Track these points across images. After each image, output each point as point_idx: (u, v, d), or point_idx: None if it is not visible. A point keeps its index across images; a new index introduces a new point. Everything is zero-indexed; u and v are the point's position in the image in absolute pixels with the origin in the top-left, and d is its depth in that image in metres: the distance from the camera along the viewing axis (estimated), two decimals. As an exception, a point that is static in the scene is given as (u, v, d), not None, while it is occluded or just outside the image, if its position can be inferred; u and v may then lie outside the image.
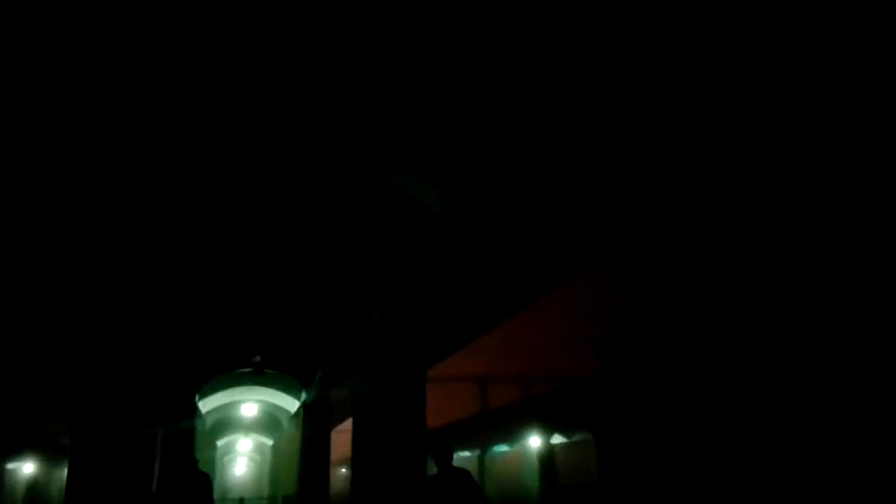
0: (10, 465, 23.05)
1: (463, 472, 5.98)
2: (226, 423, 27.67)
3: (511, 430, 20.72)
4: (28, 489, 16.05)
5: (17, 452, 15.24)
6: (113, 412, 9.29)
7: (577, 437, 28.67)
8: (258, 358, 14.37)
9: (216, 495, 28.99)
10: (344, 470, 21.05)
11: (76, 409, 9.28)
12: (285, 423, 25.59)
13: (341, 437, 18.03)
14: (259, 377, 18.45)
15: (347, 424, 18.29)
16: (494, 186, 7.13)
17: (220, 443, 32.00)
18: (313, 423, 17.66)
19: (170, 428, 14.55)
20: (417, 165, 6.95)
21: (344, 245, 9.20)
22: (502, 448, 21.26)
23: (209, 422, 24.81)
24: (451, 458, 5.92)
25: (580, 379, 19.36)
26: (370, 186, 7.44)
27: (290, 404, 21.65)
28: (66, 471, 9.61)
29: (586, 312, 11.55)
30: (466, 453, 20.02)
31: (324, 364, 14.66)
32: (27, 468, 15.90)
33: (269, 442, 32.70)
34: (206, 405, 19.89)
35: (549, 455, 27.49)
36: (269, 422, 27.86)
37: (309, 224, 8.81)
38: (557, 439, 27.42)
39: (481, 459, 20.32)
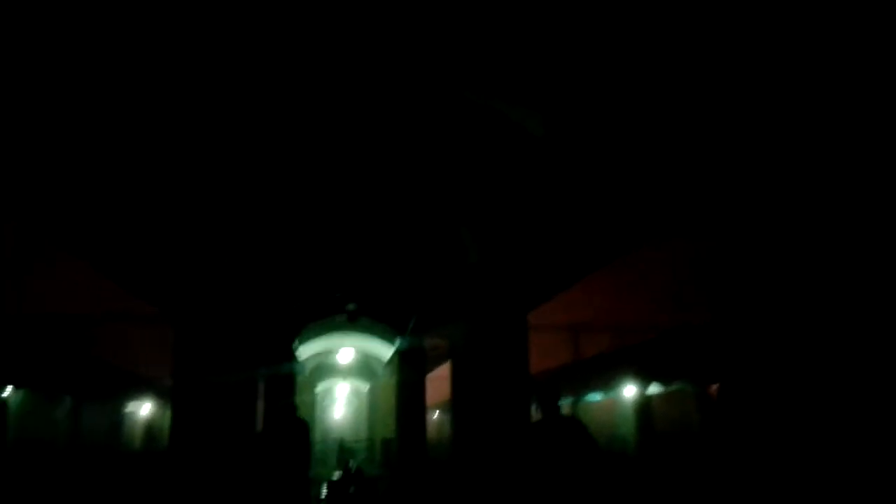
0: (129, 409, 24.84)
1: (573, 421, 5.65)
2: (324, 369, 28.62)
3: (606, 379, 20.30)
4: (145, 429, 17.12)
5: (134, 396, 16.17)
6: (212, 355, 9.52)
7: (674, 387, 27.98)
8: (353, 306, 14.54)
9: (317, 437, 30.04)
10: (436, 414, 21.33)
11: (177, 352, 9.57)
12: (379, 369, 26.17)
13: (432, 384, 18.21)
14: (354, 325, 18.79)
15: (437, 371, 18.43)
16: (610, 110, 6.44)
17: (318, 388, 33.21)
18: (409, 370, 17.87)
19: (270, 371, 15.05)
20: (518, 88, 6.39)
21: (437, 182, 8.81)
22: (595, 397, 20.94)
23: (308, 368, 25.68)
24: (558, 404, 5.60)
25: (678, 328, 18.69)
26: (466, 113, 6.97)
27: (384, 351, 22.03)
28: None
29: (681, 264, 11.31)
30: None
31: (417, 311, 14.63)
32: (144, 410, 17.00)
33: (365, 387, 33.66)
34: (304, 351, 20.51)
35: (645, 404, 26.98)
36: (364, 368, 28.62)
37: (402, 160, 8.44)
38: (654, 389, 26.80)
39: (574, 408, 19.97)
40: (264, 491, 8.60)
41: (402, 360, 18.07)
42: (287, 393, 16.45)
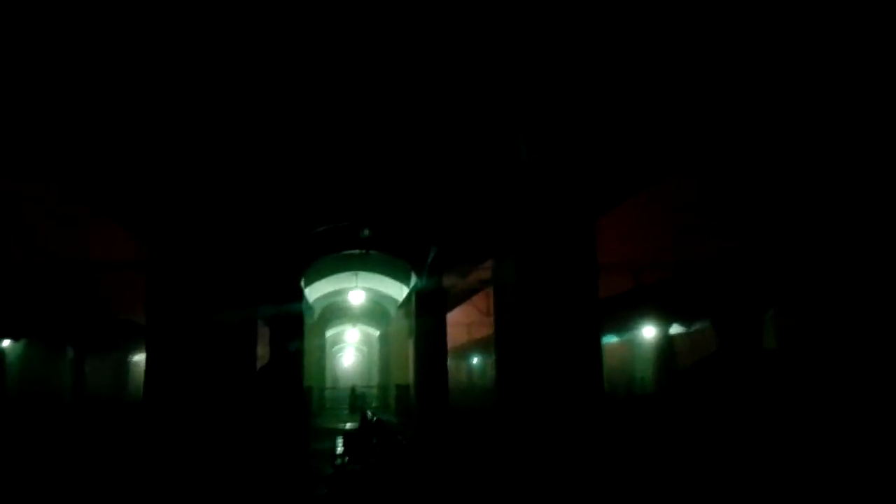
0: (135, 358, 23.68)
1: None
2: (334, 312, 27.08)
3: (625, 319, 19.17)
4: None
5: (140, 346, 14.93)
6: (197, 286, 7.67)
7: (697, 327, 26.65)
8: (367, 231, 12.60)
9: (328, 384, 28.86)
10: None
11: (153, 280, 7.67)
12: (393, 312, 24.57)
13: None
14: (366, 261, 17.00)
15: (449, 317, 16.80)
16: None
17: (328, 333, 31.80)
18: (428, 311, 16.12)
19: (274, 311, 13.29)
20: None
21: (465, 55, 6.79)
22: (611, 339, 19.91)
23: (317, 311, 24.10)
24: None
25: (700, 264, 17.20)
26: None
27: (399, 292, 20.30)
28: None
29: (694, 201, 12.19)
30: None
31: (438, 241, 12.68)
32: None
33: (377, 332, 32.24)
34: (312, 292, 18.77)
35: (668, 344, 25.66)
36: (376, 311, 27.08)
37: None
38: (676, 329, 25.54)
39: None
40: (256, 448, 6.91)
41: (419, 300, 16.30)
42: (295, 337, 14.81)
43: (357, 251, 15.74)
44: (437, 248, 13.23)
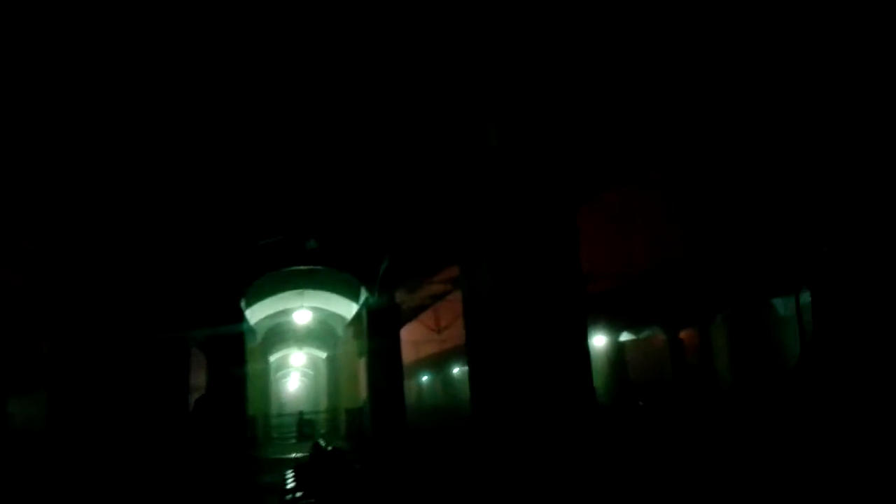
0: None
1: None
2: (277, 335, 25.75)
3: None
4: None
5: None
6: (106, 305, 6.57)
7: (645, 334, 26.50)
8: (313, 242, 11.59)
9: (273, 410, 27.44)
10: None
11: (54, 300, 6.54)
12: (340, 331, 23.45)
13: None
14: (313, 277, 15.93)
15: (401, 334, 15.94)
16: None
17: (272, 357, 30.33)
18: (380, 328, 15.15)
19: (210, 334, 12.13)
20: None
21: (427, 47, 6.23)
22: None
23: (260, 334, 22.78)
24: None
25: (649, 272, 16.97)
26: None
27: (347, 309, 19.25)
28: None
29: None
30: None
31: (392, 248, 11.80)
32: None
33: (325, 353, 30.96)
34: (254, 313, 17.53)
35: (618, 352, 25.34)
36: (323, 332, 25.90)
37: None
38: (625, 336, 25.24)
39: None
40: (193, 485, 6.00)
41: (371, 317, 15.33)
42: (235, 363, 13.63)
43: (303, 267, 14.68)
44: (389, 258, 12.35)
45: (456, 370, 36.21)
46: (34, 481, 7.34)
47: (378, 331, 15.18)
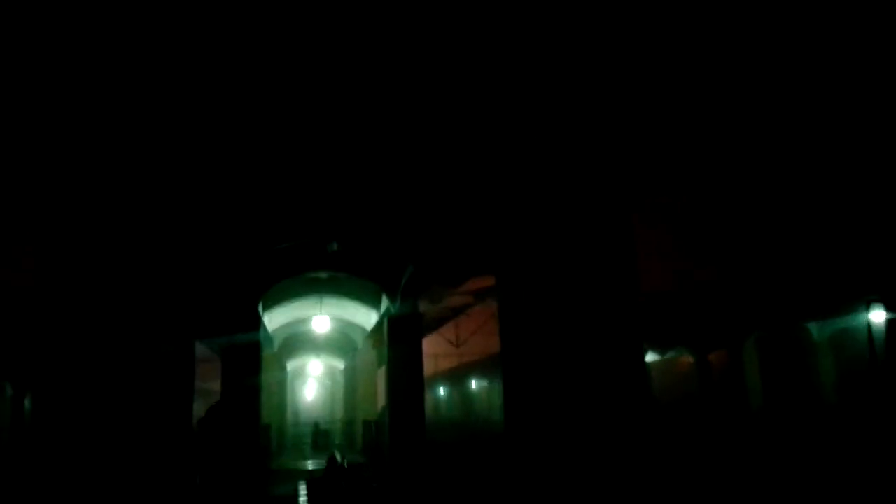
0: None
1: None
2: (295, 344, 25.36)
3: None
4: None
5: None
6: (98, 306, 6.14)
7: (671, 355, 25.65)
8: (335, 246, 11.11)
9: (289, 420, 27.14)
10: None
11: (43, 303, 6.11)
12: (360, 341, 22.99)
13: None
14: (333, 284, 15.49)
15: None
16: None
17: (289, 365, 29.94)
18: (402, 338, 14.65)
19: (227, 342, 11.72)
20: None
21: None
22: None
23: (277, 342, 22.39)
24: None
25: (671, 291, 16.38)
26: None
27: (367, 319, 18.78)
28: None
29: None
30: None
31: (417, 255, 11.29)
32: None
33: (343, 363, 30.52)
34: (272, 320, 17.12)
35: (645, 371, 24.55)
36: (341, 342, 25.47)
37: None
38: (650, 357, 24.48)
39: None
40: (202, 497, 5.64)
41: (393, 326, 14.84)
42: (251, 371, 13.19)
43: (323, 274, 14.25)
44: (413, 266, 11.84)
45: (474, 384, 35.58)
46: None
47: (399, 340, 14.68)
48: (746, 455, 12.39)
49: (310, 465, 17.70)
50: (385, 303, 14.94)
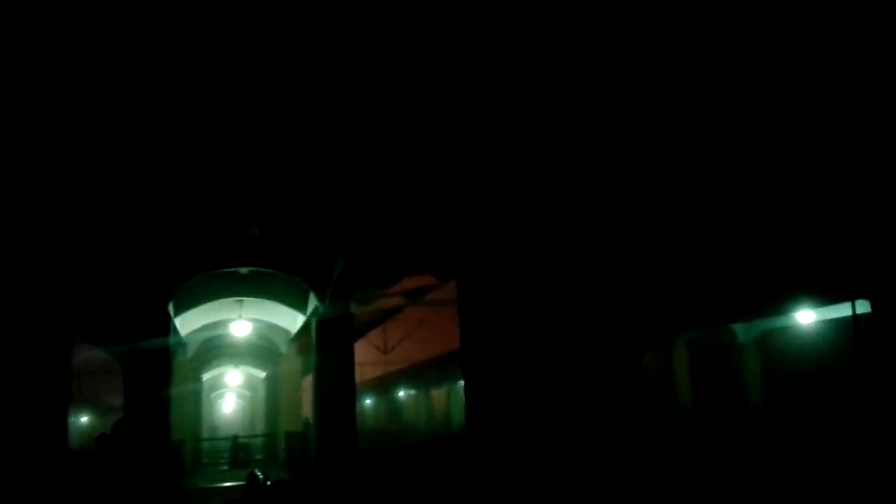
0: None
1: None
2: (212, 351, 23.59)
3: None
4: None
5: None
6: None
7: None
8: (257, 230, 9.78)
9: (205, 434, 25.38)
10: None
11: None
12: (283, 347, 21.51)
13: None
14: (254, 283, 14.07)
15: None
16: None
17: (205, 376, 27.98)
18: (331, 341, 13.41)
19: (130, 348, 10.25)
20: None
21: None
22: None
23: (191, 348, 20.63)
24: None
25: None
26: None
27: (292, 321, 17.39)
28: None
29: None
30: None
31: (351, 246, 10.13)
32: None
33: (262, 374, 28.81)
34: (184, 322, 15.48)
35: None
36: (263, 350, 23.87)
37: None
38: None
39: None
40: None
41: (322, 328, 13.58)
42: (160, 381, 11.65)
43: (244, 269, 12.84)
44: (346, 259, 10.68)
45: (402, 394, 34.54)
46: None
47: (329, 344, 13.43)
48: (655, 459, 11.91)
49: (228, 483, 16.15)
50: (313, 302, 13.65)
